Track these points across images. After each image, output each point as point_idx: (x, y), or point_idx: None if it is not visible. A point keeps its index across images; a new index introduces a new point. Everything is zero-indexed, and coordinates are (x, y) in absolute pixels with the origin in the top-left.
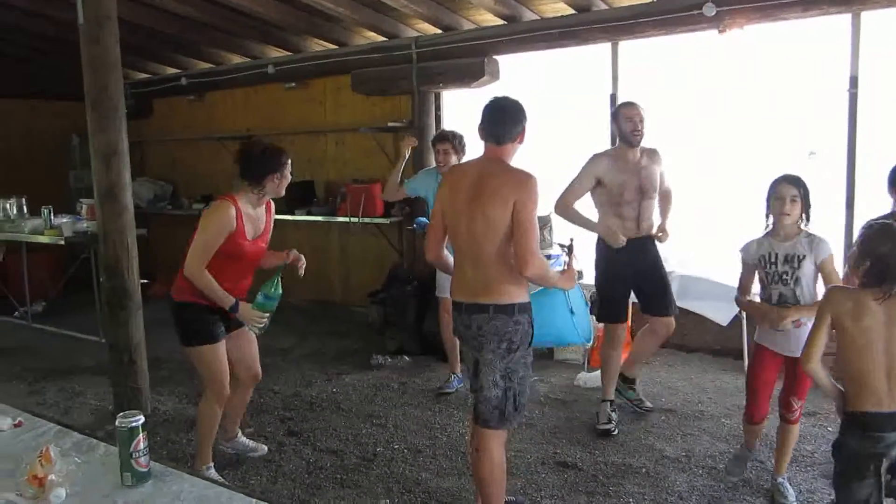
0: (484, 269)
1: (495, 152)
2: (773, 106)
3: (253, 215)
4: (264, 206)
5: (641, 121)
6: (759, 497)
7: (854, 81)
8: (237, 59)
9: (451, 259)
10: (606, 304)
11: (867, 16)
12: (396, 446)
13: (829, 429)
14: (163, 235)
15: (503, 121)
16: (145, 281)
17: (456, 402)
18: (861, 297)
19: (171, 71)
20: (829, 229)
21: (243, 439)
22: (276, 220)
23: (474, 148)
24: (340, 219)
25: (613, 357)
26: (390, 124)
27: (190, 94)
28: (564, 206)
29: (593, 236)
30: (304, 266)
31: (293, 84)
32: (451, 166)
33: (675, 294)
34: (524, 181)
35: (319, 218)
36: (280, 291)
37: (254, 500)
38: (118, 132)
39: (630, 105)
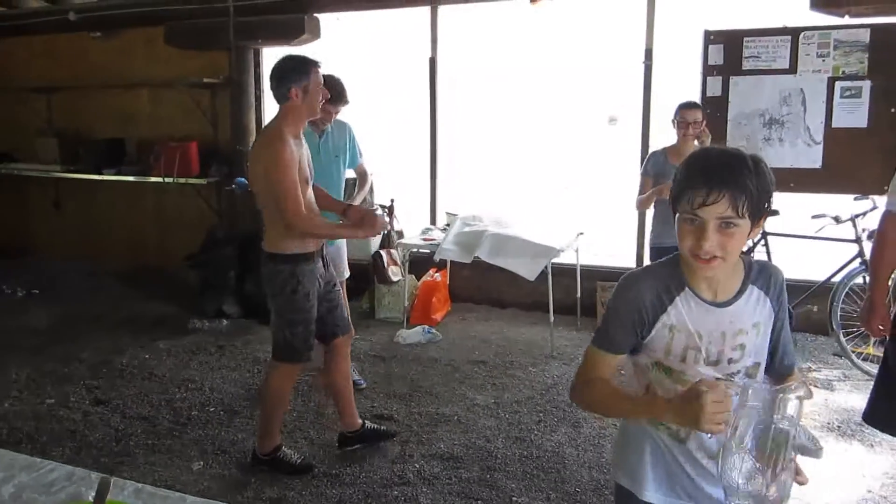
0: (264, 220)
1: (278, 112)
2: (578, 74)
3: None
4: None
5: None
6: (562, 426)
7: (649, 54)
8: (33, 3)
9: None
10: None
11: None
12: (212, 409)
13: None
14: None
15: (271, 82)
16: None
17: None
18: None
19: None
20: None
21: None
22: (81, 181)
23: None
24: (154, 179)
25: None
26: (206, 80)
27: None
28: None
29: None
30: None
31: (99, 34)
32: None
33: (486, 252)
34: (263, 147)
35: (131, 178)
36: None
37: (30, 457)
38: None
39: None
